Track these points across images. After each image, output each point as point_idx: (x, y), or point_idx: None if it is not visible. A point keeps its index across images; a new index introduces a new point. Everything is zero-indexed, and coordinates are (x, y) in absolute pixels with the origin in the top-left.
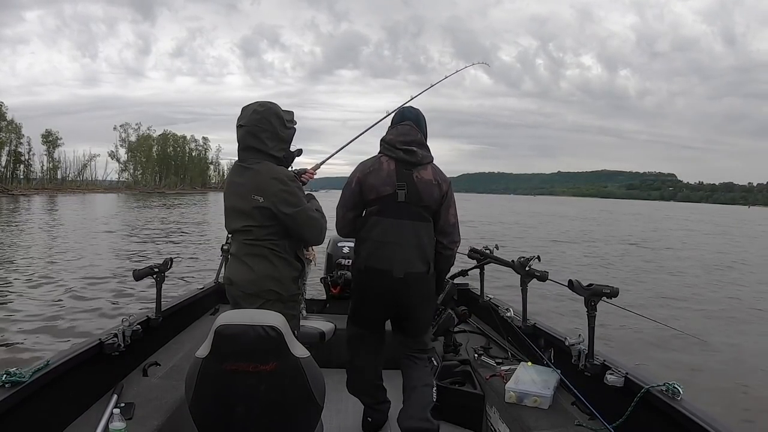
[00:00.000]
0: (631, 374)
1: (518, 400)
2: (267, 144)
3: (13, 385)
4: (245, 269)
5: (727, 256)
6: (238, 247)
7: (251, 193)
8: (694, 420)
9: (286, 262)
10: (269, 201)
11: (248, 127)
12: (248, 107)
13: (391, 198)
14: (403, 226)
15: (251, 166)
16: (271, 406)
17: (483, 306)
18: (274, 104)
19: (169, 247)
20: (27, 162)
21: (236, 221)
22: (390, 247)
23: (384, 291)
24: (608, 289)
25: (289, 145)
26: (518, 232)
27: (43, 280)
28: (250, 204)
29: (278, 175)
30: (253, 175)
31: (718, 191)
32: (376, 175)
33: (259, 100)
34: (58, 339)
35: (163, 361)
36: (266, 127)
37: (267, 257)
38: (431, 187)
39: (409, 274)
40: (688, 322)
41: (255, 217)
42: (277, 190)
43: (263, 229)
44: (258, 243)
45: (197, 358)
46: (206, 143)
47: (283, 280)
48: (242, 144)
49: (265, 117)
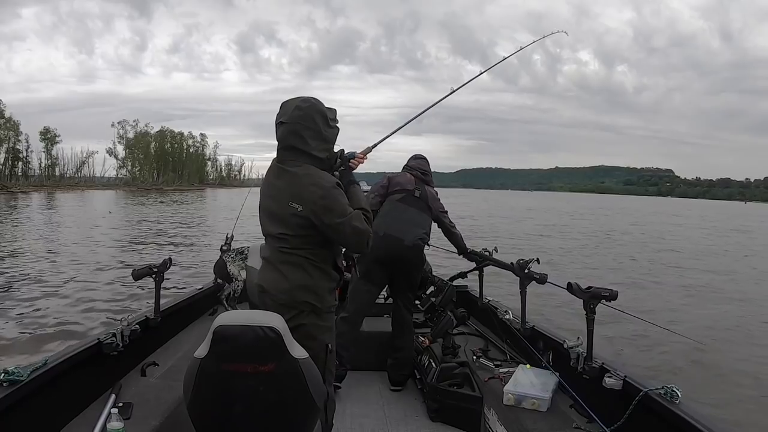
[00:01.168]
0: (629, 377)
1: (516, 402)
2: (309, 144)
3: (11, 384)
4: (279, 277)
5: (724, 256)
6: (271, 253)
7: (289, 200)
8: (692, 423)
9: (322, 272)
10: (308, 210)
11: (290, 124)
12: (289, 103)
13: (410, 193)
14: (414, 212)
15: (290, 169)
16: (270, 406)
17: (482, 308)
18: (317, 100)
19: (169, 247)
20: (25, 159)
21: (271, 226)
22: (405, 223)
23: (395, 253)
24: (607, 292)
25: (332, 146)
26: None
27: (42, 280)
28: (286, 211)
29: (318, 182)
30: (292, 179)
31: (715, 187)
32: (402, 178)
33: (300, 96)
34: (56, 338)
35: (162, 361)
36: (309, 125)
37: (303, 266)
38: (434, 196)
39: (415, 244)
40: (686, 325)
41: (291, 226)
42: (317, 198)
43: (299, 239)
44: (294, 252)
45: (196, 359)
46: (204, 140)
47: (319, 291)
48: (282, 143)
49: (308, 114)
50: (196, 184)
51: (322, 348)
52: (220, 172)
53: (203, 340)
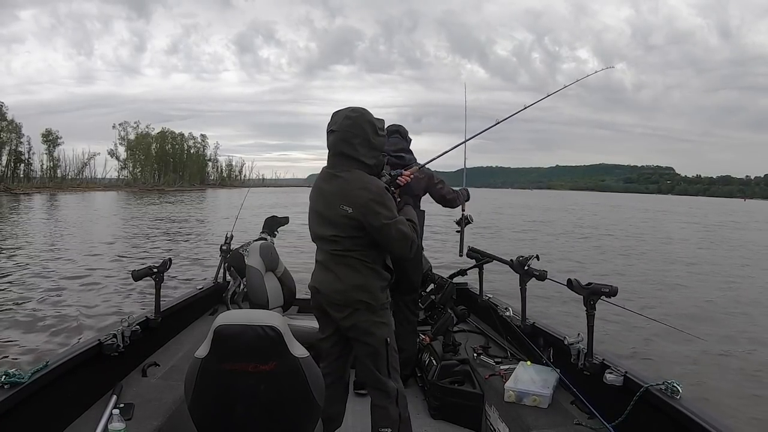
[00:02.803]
0: (630, 373)
1: (517, 399)
2: (359, 150)
3: (12, 386)
4: (332, 278)
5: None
6: (324, 256)
7: (340, 203)
8: (693, 419)
9: (374, 272)
10: (357, 211)
11: (340, 132)
12: (340, 113)
13: None
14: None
15: (340, 174)
16: (271, 405)
17: (482, 305)
18: (366, 110)
19: (169, 247)
20: (27, 161)
21: (323, 229)
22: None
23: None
24: (607, 288)
25: (380, 153)
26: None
27: (42, 281)
28: (338, 213)
29: (368, 185)
30: (342, 184)
31: (716, 184)
32: None
33: (350, 106)
34: (57, 340)
35: (163, 362)
36: (358, 133)
37: (355, 267)
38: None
39: None
40: (687, 320)
41: (343, 228)
42: (366, 201)
43: (351, 240)
44: (346, 254)
45: (196, 359)
46: (204, 140)
47: (372, 290)
48: (333, 150)
49: (357, 123)
50: (197, 184)
51: (381, 342)
52: (220, 172)
53: (204, 339)
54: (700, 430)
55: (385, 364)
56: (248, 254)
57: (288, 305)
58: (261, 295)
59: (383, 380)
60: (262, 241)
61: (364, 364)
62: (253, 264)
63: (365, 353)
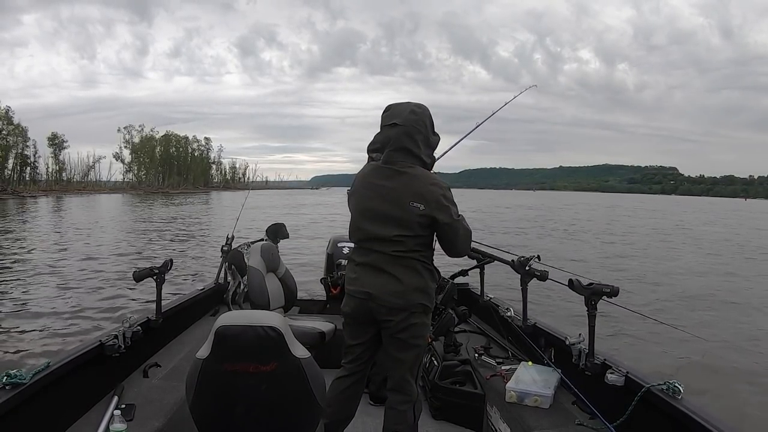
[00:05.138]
0: (631, 373)
1: (519, 399)
2: (420, 147)
3: (13, 387)
4: (390, 281)
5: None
6: (375, 257)
7: (410, 200)
8: (694, 419)
9: (431, 273)
10: (430, 207)
11: (406, 127)
12: (403, 107)
13: None
14: None
15: (405, 170)
16: (272, 406)
17: (483, 306)
18: (426, 108)
19: (169, 247)
20: (33, 164)
21: (385, 229)
22: None
23: None
24: (608, 288)
25: (433, 152)
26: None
27: (44, 281)
28: (407, 212)
29: (437, 182)
30: (410, 180)
31: (719, 184)
32: None
33: (411, 101)
34: (58, 340)
35: (164, 363)
36: (421, 130)
37: (416, 269)
38: None
39: None
40: (689, 320)
41: (411, 226)
42: (439, 197)
43: (415, 239)
44: (408, 254)
45: (198, 359)
46: (208, 143)
47: (430, 291)
48: (395, 144)
49: (421, 119)
50: (201, 187)
51: (425, 345)
52: (224, 175)
53: (205, 340)
54: (701, 431)
55: (418, 367)
56: (249, 255)
57: (289, 306)
58: (262, 295)
59: (411, 383)
60: (263, 241)
61: (398, 367)
62: (254, 264)
63: (408, 356)
